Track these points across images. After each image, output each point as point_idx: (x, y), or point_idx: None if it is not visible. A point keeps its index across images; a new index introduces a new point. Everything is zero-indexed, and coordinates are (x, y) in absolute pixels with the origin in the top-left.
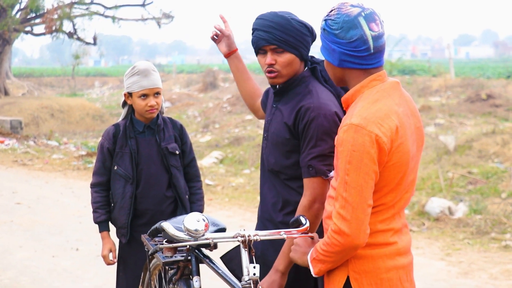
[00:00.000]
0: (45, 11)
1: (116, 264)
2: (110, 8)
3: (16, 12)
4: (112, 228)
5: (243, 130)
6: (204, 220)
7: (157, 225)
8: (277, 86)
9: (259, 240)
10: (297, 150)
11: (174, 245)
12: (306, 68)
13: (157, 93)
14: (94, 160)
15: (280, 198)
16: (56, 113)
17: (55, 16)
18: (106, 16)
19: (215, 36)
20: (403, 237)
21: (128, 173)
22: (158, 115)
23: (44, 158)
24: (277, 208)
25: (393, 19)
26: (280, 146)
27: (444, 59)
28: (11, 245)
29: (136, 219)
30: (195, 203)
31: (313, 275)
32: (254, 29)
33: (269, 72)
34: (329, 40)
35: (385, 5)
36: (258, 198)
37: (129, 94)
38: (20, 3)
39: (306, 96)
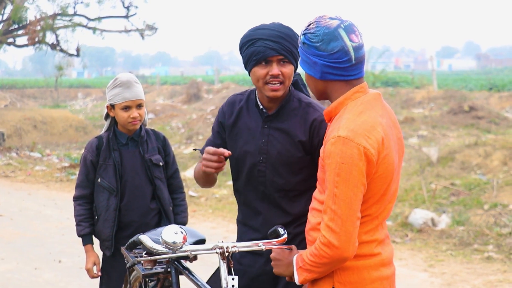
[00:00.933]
0: (28, 22)
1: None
2: (93, 20)
3: None
4: (96, 241)
5: None
6: (182, 233)
7: (134, 238)
8: (263, 107)
9: (237, 251)
10: (308, 166)
11: (153, 257)
12: None
13: (139, 105)
14: (77, 171)
15: (289, 215)
16: (39, 125)
17: (38, 28)
18: (89, 28)
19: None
20: (386, 248)
21: (112, 185)
22: (141, 127)
23: (27, 170)
24: (286, 225)
25: (377, 31)
26: (292, 165)
27: (427, 71)
28: None
29: (120, 231)
30: (179, 215)
31: (297, 283)
32: (256, 39)
33: (273, 83)
34: (310, 53)
35: (369, 17)
36: None
37: (112, 106)
38: (2, 15)
39: (309, 110)
